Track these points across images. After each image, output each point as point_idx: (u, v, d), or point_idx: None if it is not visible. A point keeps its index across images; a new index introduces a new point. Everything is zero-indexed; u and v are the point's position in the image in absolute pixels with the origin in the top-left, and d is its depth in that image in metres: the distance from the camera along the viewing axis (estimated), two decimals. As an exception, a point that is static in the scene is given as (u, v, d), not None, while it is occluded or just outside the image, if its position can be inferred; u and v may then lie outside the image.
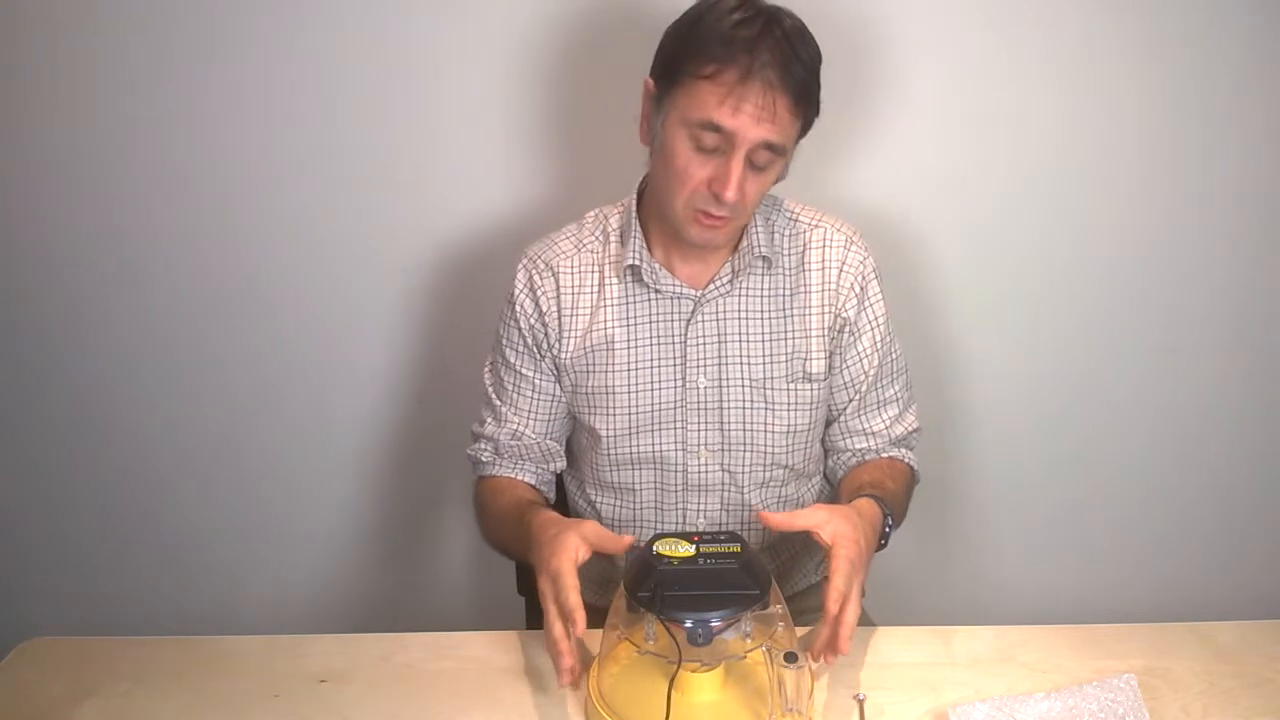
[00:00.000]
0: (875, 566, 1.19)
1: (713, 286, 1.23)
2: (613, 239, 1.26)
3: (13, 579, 1.83)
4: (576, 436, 1.34)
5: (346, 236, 1.59)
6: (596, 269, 1.26)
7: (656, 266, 1.23)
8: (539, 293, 1.26)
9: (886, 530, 1.18)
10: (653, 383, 1.24)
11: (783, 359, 1.24)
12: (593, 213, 1.30)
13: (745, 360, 1.24)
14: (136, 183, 1.56)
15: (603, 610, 1.07)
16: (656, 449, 1.26)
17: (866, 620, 1.35)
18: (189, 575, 1.82)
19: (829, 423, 1.33)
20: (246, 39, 1.48)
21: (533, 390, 1.29)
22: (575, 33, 1.48)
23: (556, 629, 1.02)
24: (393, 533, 1.82)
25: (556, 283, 1.26)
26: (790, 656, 0.95)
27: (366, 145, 1.54)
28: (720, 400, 1.25)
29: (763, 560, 1.04)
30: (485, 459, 1.31)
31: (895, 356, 1.32)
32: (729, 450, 1.26)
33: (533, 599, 1.43)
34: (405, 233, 1.59)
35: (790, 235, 1.26)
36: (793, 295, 1.25)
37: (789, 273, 1.25)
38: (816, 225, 1.27)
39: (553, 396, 1.29)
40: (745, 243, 1.22)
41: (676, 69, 1.10)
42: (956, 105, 1.52)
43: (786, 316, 1.25)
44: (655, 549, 0.99)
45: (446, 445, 1.67)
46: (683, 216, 1.15)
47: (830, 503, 1.34)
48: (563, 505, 1.37)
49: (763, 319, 1.24)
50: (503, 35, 1.48)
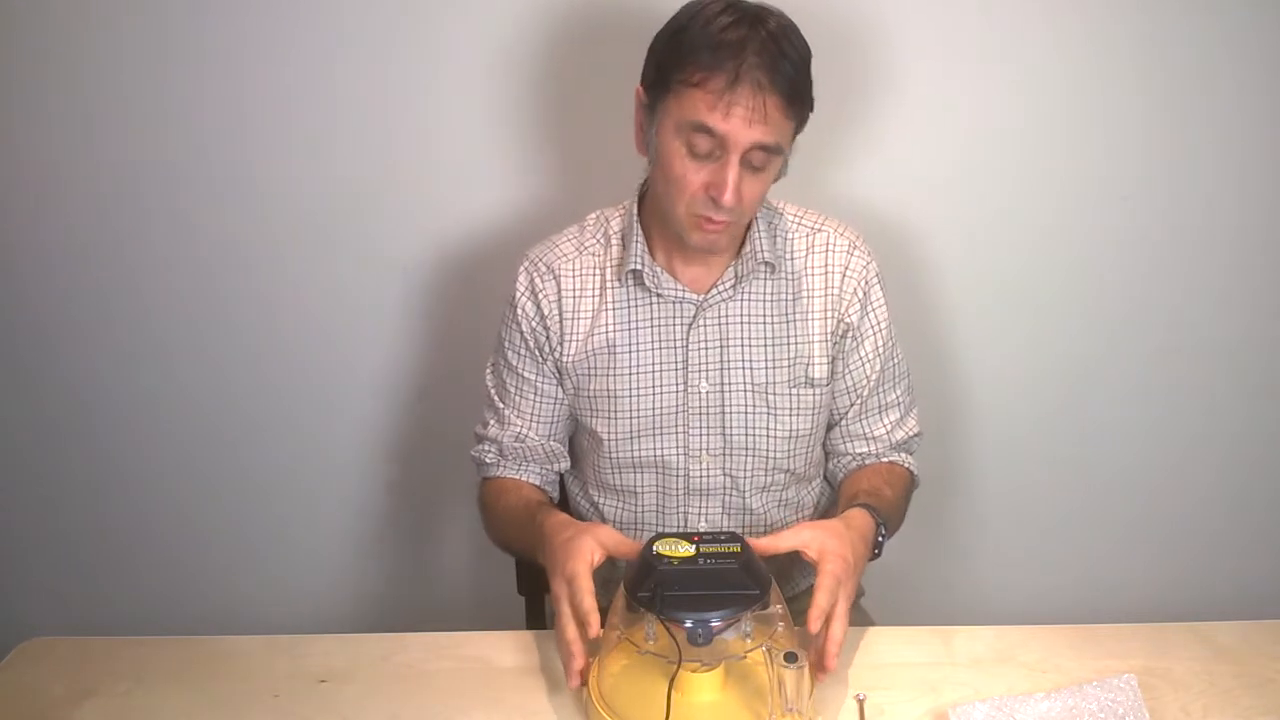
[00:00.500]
0: (876, 566, 1.19)
1: (715, 291, 1.23)
2: (614, 242, 1.26)
3: (13, 579, 1.83)
4: (579, 438, 1.33)
5: (346, 236, 1.59)
6: (598, 272, 1.25)
7: (658, 270, 1.22)
8: (540, 296, 1.26)
9: (879, 539, 1.18)
10: (654, 387, 1.24)
11: (785, 364, 1.24)
12: (594, 215, 1.29)
13: (747, 365, 1.24)
14: (135, 183, 1.56)
15: (603, 610, 1.06)
16: (658, 453, 1.26)
17: (866, 620, 1.35)
18: (189, 575, 1.82)
19: (830, 427, 1.32)
20: (246, 39, 1.48)
21: (535, 393, 1.29)
22: (575, 32, 1.48)
23: (570, 631, 1.03)
24: (393, 533, 1.82)
25: (558, 286, 1.25)
26: (790, 656, 0.95)
27: (366, 145, 1.54)
28: (722, 405, 1.24)
29: (762, 560, 1.04)
30: (490, 460, 1.31)
31: (897, 361, 1.31)
32: (731, 455, 1.26)
33: (533, 599, 1.43)
34: (405, 233, 1.59)
35: (793, 240, 1.25)
36: (795, 300, 1.24)
37: (792, 277, 1.24)
38: (819, 230, 1.26)
39: (555, 399, 1.29)
40: (748, 247, 1.22)
41: (666, 76, 1.09)
42: (956, 105, 1.52)
43: (789, 321, 1.24)
44: (655, 549, 0.99)
45: (446, 445, 1.67)
46: (684, 223, 1.15)
47: (830, 506, 1.35)
48: (564, 505, 1.37)
49: (765, 324, 1.24)
50: (503, 35, 1.48)
